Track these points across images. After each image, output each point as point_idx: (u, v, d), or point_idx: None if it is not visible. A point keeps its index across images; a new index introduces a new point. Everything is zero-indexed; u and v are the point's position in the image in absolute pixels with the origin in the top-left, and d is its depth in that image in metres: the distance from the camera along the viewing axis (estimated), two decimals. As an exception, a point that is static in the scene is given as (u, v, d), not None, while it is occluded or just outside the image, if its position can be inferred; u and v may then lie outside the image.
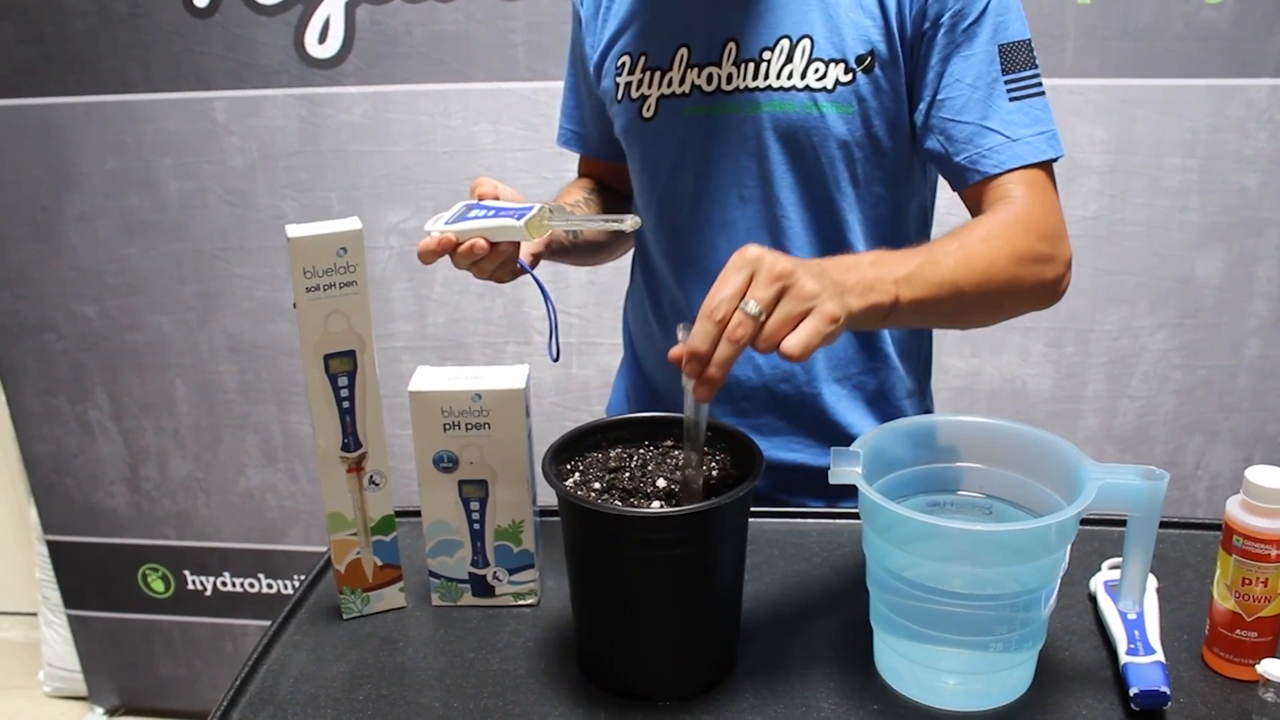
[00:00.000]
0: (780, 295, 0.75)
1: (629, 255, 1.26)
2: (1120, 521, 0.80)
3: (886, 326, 0.90)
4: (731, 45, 1.03)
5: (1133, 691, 0.77)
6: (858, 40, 0.99)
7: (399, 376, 1.04)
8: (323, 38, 1.81)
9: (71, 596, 2.28)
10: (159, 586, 2.25)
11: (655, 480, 0.85)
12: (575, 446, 0.88)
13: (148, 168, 1.93)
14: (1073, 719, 0.79)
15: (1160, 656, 0.81)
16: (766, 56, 1.01)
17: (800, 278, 0.76)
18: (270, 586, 2.22)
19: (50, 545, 2.25)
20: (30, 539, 2.34)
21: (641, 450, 0.90)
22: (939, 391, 1.25)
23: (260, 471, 2.13)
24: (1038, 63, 0.99)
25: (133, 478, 2.17)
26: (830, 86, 1.00)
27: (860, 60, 0.99)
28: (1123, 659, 0.81)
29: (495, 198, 1.01)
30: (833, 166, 1.03)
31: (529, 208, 0.95)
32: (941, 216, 1.13)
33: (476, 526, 0.93)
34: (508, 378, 0.90)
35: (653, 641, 0.82)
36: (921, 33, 0.98)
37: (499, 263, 0.97)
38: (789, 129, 1.02)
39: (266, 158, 1.90)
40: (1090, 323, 1.83)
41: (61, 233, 1.99)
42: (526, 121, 1.82)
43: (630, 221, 0.92)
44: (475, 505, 0.92)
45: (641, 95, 1.08)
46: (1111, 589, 0.90)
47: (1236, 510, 0.80)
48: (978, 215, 0.98)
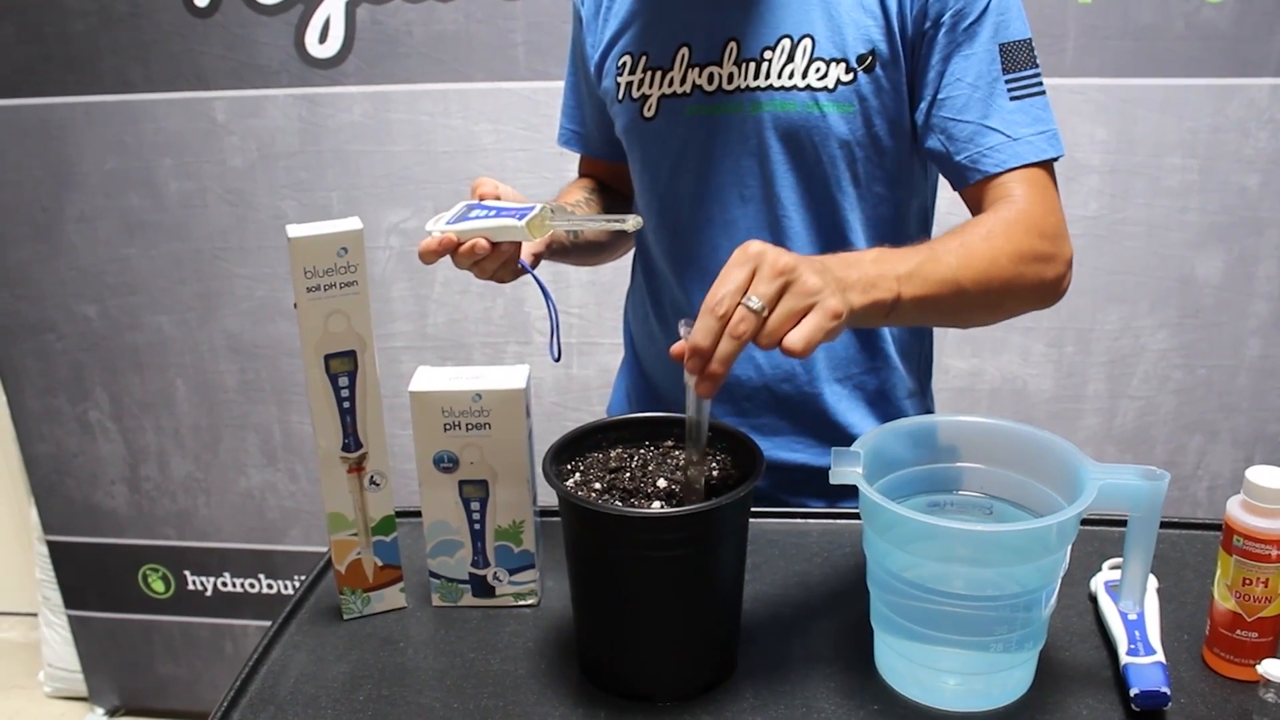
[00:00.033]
0: (783, 291, 0.75)
1: (629, 255, 1.26)
2: (1121, 522, 0.79)
3: (888, 324, 0.90)
4: (732, 45, 1.03)
5: (1133, 692, 0.77)
6: (859, 39, 0.99)
7: (399, 376, 1.04)
8: (323, 37, 1.81)
9: (72, 597, 2.28)
10: (159, 587, 2.25)
11: (656, 480, 0.85)
12: (576, 447, 0.88)
13: (148, 168, 1.93)
14: (1073, 719, 0.79)
15: (1161, 657, 0.81)
16: (768, 56, 1.01)
17: (803, 273, 0.76)
18: (270, 587, 2.22)
19: (50, 545, 2.25)
20: (30, 539, 2.34)
21: (642, 450, 0.89)
22: (939, 391, 1.25)
23: (260, 471, 2.13)
24: (1038, 62, 0.99)
25: (133, 478, 2.17)
26: (831, 86, 1.00)
27: (861, 59, 0.99)
28: (1123, 659, 0.81)
29: (496, 198, 1.01)
30: (834, 166, 1.03)
31: (530, 208, 0.95)
32: (942, 216, 1.13)
33: (477, 527, 0.93)
34: (508, 378, 0.90)
35: (653, 642, 0.82)
36: (922, 32, 0.98)
37: (500, 263, 0.97)
38: (790, 128, 1.02)
39: (267, 157, 1.90)
40: (1091, 322, 1.83)
41: (62, 233, 1.99)
42: (527, 121, 1.82)
43: (632, 221, 0.92)
44: (476, 505, 0.92)
45: (642, 95, 1.07)
46: (1112, 589, 0.90)
47: (1237, 510, 0.80)
48: (978, 214, 0.98)
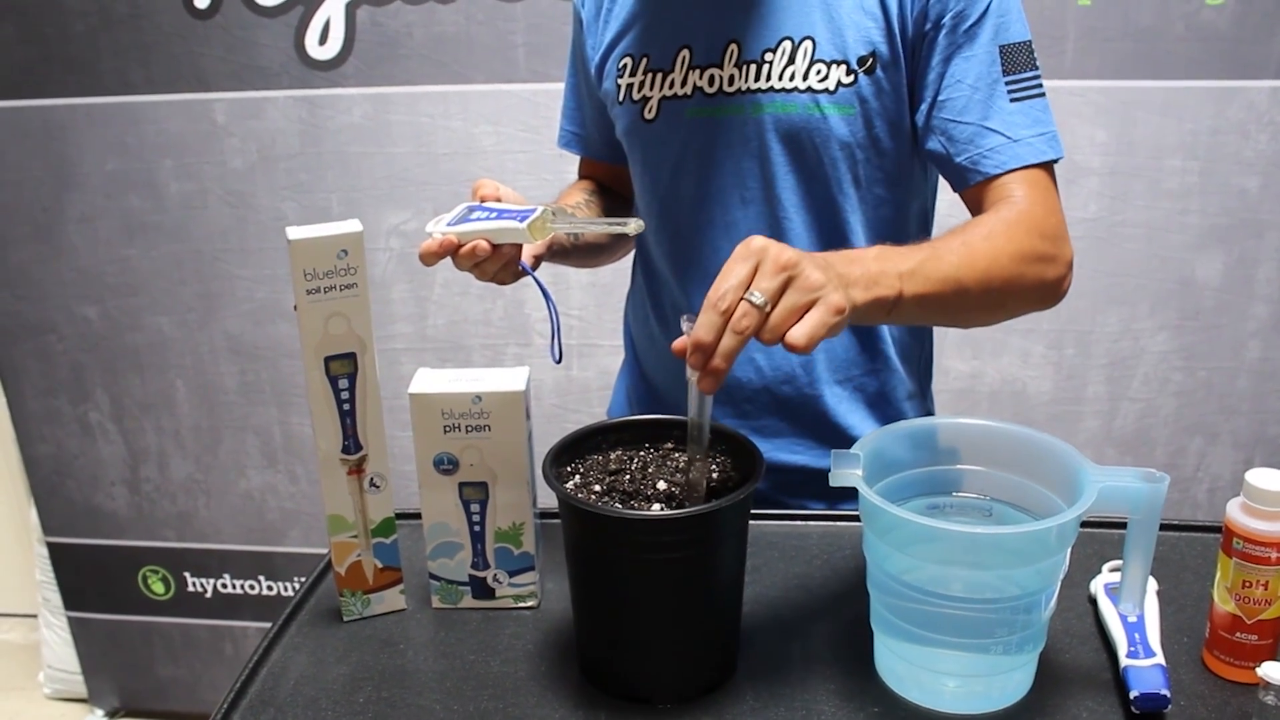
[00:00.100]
0: (785, 286, 0.75)
1: (630, 257, 1.26)
2: (1120, 524, 0.79)
3: (889, 322, 0.90)
4: (733, 47, 1.03)
5: (1133, 694, 0.77)
6: (859, 41, 0.99)
7: (399, 378, 1.04)
8: (323, 39, 1.81)
9: (72, 598, 2.28)
10: (159, 588, 2.25)
11: (656, 483, 0.85)
12: (576, 449, 0.88)
13: (148, 169, 1.93)
14: (1073, 722, 0.79)
15: (1160, 659, 0.81)
16: (768, 58, 1.01)
17: (805, 268, 0.75)
18: (270, 588, 2.22)
19: (50, 547, 2.25)
20: (30, 540, 2.34)
21: (642, 453, 0.89)
22: (939, 393, 1.25)
23: (260, 473, 2.13)
24: (1038, 64, 0.99)
25: (133, 479, 2.17)
26: (832, 88, 1.00)
27: (862, 61, 0.99)
28: (1123, 662, 0.81)
29: (497, 199, 1.01)
30: (834, 168, 1.03)
31: (531, 210, 0.95)
32: (942, 218, 1.13)
33: (477, 529, 0.93)
34: (508, 380, 0.90)
35: (653, 644, 0.82)
36: (923, 34, 0.98)
37: (501, 264, 0.97)
38: (791, 130, 1.02)
39: (267, 159, 1.91)
40: (1090, 325, 1.83)
41: (62, 233, 1.99)
42: (527, 123, 1.82)
43: (633, 224, 0.91)
44: (475, 507, 0.92)
45: (643, 97, 1.08)
46: (1112, 591, 0.90)
47: (1237, 513, 0.80)
48: (979, 215, 0.98)
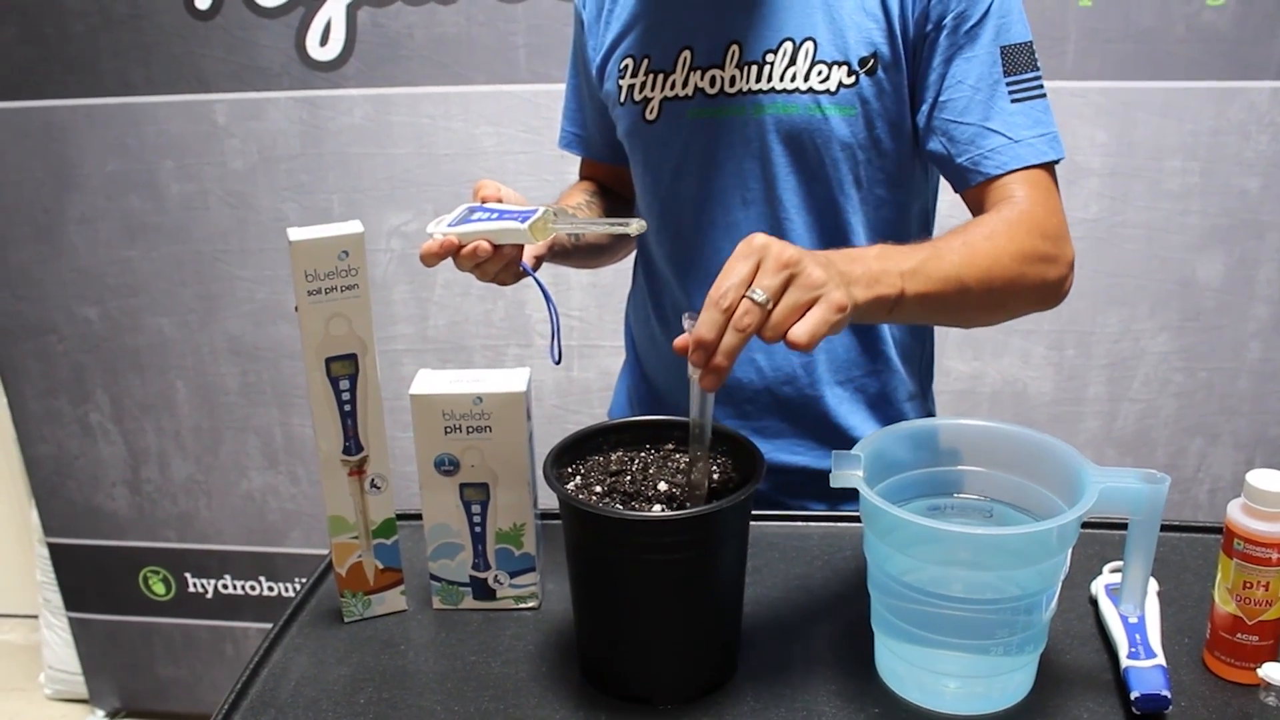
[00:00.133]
0: (787, 283, 0.75)
1: (630, 258, 1.26)
2: (1121, 525, 0.79)
3: (891, 320, 0.90)
4: (734, 48, 1.03)
5: (1134, 695, 0.77)
6: (861, 42, 0.99)
7: (400, 379, 1.04)
8: (324, 40, 1.81)
9: (72, 599, 2.28)
10: (160, 589, 2.25)
11: (657, 484, 0.85)
12: (577, 450, 0.88)
13: (149, 170, 1.93)
14: (1074, 722, 0.79)
15: (1161, 660, 0.81)
16: (769, 59, 1.01)
17: (807, 266, 0.75)
18: (271, 589, 2.22)
19: (51, 548, 2.25)
20: (31, 541, 2.34)
21: (643, 454, 0.89)
22: (940, 394, 1.25)
23: (261, 474, 2.13)
24: (1039, 65, 0.99)
25: (134, 480, 2.17)
26: (833, 89, 1.00)
27: (863, 62, 0.99)
28: (1124, 663, 0.81)
29: (498, 200, 1.01)
30: (836, 169, 1.03)
31: (533, 210, 0.95)
32: (943, 219, 1.13)
33: (478, 530, 0.93)
34: (509, 381, 0.90)
35: (654, 645, 0.82)
36: (924, 34, 0.98)
37: (502, 265, 0.97)
38: (792, 131, 1.02)
39: (267, 160, 1.91)
40: (1091, 325, 1.83)
41: (63, 234, 1.99)
42: (527, 124, 1.83)
43: (635, 225, 0.91)
44: (476, 508, 0.92)
45: (644, 98, 1.08)
46: (1112, 592, 0.89)
47: (1237, 514, 0.80)
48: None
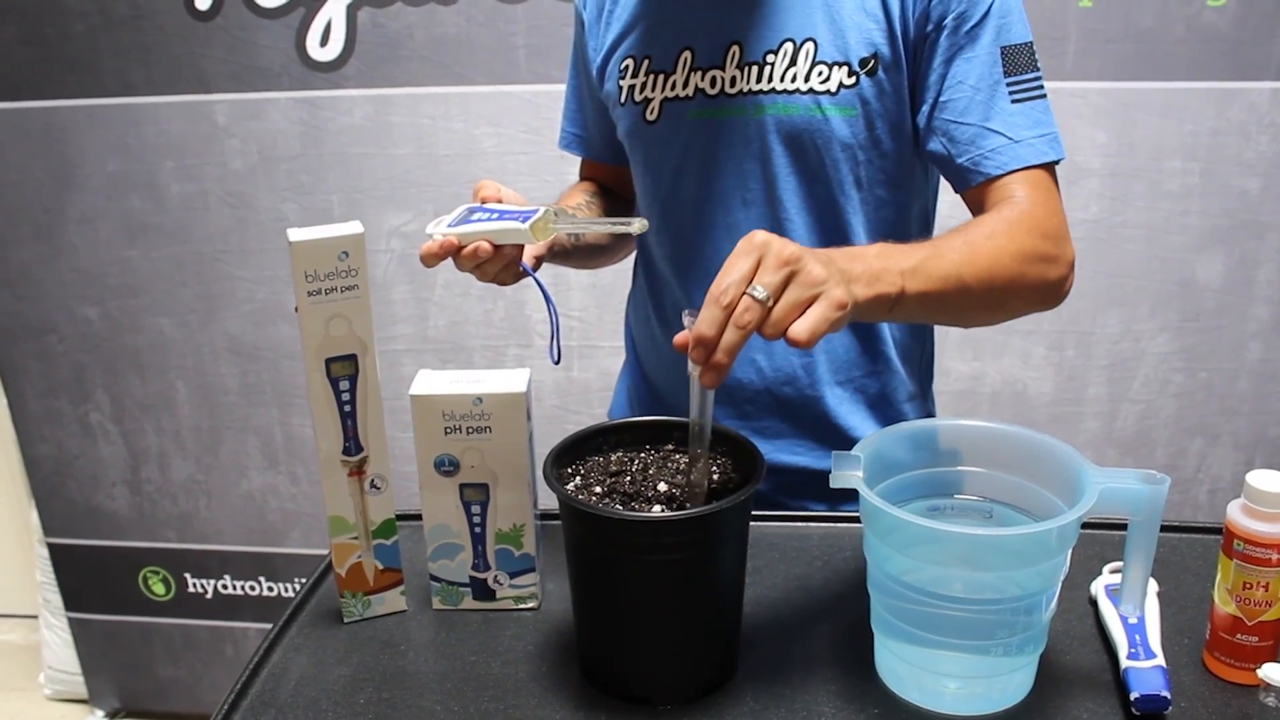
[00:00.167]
0: (788, 280, 0.75)
1: (631, 258, 1.26)
2: (1121, 525, 0.79)
3: (891, 319, 0.90)
4: (735, 48, 1.03)
5: (1133, 696, 0.77)
6: (861, 43, 0.99)
7: (400, 379, 1.04)
8: (324, 41, 1.82)
9: (72, 599, 2.28)
10: (159, 589, 2.25)
11: (656, 484, 0.85)
12: (577, 450, 0.88)
13: (149, 170, 1.93)
14: (1074, 723, 0.79)
15: (1161, 661, 0.81)
16: (770, 59, 1.01)
17: (808, 263, 0.76)
18: (271, 589, 2.22)
19: (51, 548, 2.25)
20: (31, 541, 2.34)
21: (643, 454, 0.89)
22: (940, 394, 1.25)
23: (261, 474, 2.13)
24: (1039, 65, 0.99)
25: (134, 480, 2.17)
26: (834, 89, 1.00)
27: (864, 63, 0.99)
28: (1123, 663, 0.81)
29: (498, 201, 1.01)
30: (836, 169, 1.03)
31: (533, 210, 0.95)
32: (943, 219, 1.13)
33: (477, 530, 0.93)
34: (509, 381, 0.90)
35: (654, 645, 0.82)
36: (924, 35, 0.98)
37: (502, 265, 0.97)
38: (793, 132, 1.02)
39: (268, 160, 1.91)
40: (1091, 326, 1.83)
41: (63, 234, 1.99)
42: (527, 124, 1.83)
43: (637, 224, 0.91)
44: (476, 509, 0.92)
45: (645, 98, 1.08)
46: (1112, 593, 0.90)
47: (1237, 514, 0.80)
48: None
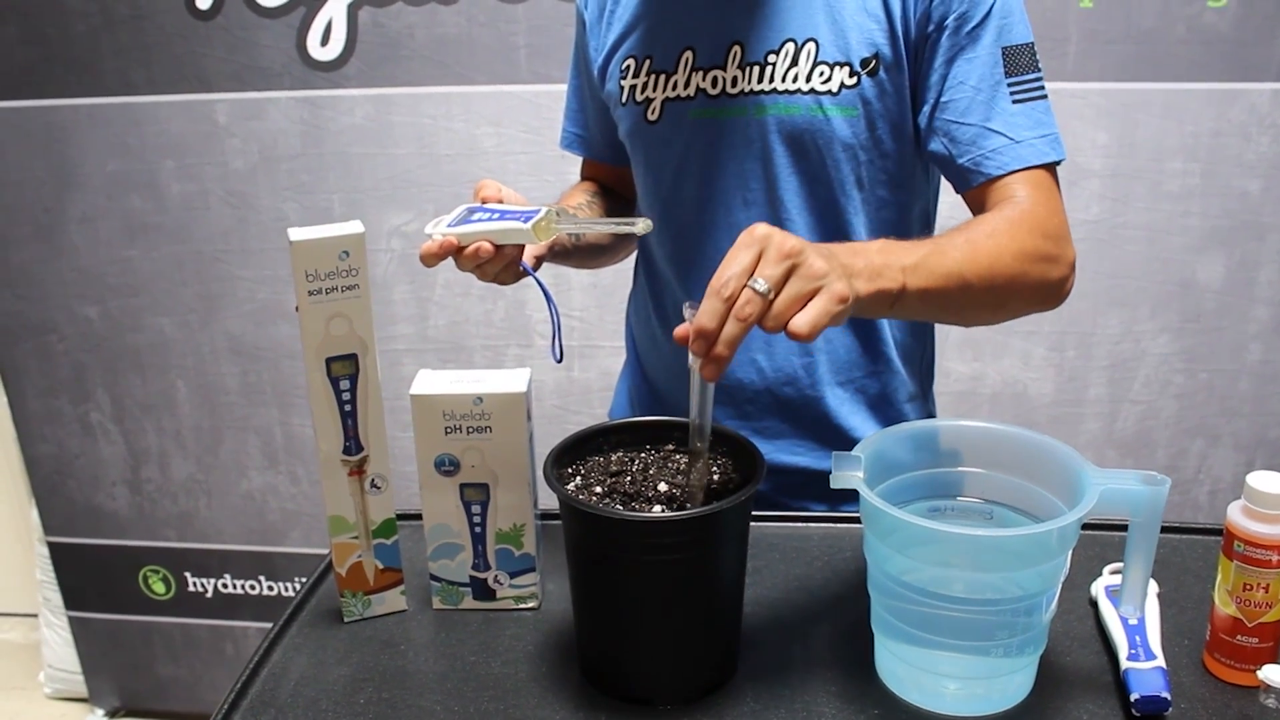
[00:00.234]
0: (789, 274, 0.75)
1: (631, 258, 1.26)
2: (1121, 526, 0.79)
3: (892, 316, 0.90)
4: (736, 48, 1.03)
5: (1134, 697, 0.77)
6: (862, 43, 0.99)
7: (400, 379, 1.04)
8: (325, 40, 1.82)
9: (72, 598, 2.28)
10: (160, 588, 2.25)
11: (657, 484, 0.85)
12: (577, 450, 0.88)
13: (150, 169, 1.93)
14: (1074, 724, 0.79)
15: (1161, 662, 0.81)
16: (771, 60, 1.01)
17: (809, 256, 0.75)
18: (271, 589, 2.22)
19: (51, 546, 2.25)
20: (31, 540, 2.34)
21: (643, 454, 0.89)
22: (940, 395, 1.25)
23: (261, 474, 2.13)
24: (1040, 66, 0.99)
25: (134, 479, 2.17)
26: (835, 90, 1.00)
27: (865, 63, 0.99)
28: (1124, 664, 0.81)
29: (499, 200, 1.01)
30: (837, 169, 1.03)
31: (535, 210, 0.95)
32: (944, 220, 1.13)
33: (478, 530, 0.93)
34: (509, 381, 0.90)
35: (654, 645, 0.82)
36: (926, 35, 0.98)
37: (503, 265, 0.96)
38: (794, 132, 1.02)
39: (268, 160, 1.91)
40: (1092, 327, 1.83)
41: (63, 234, 1.99)
42: (528, 124, 1.83)
43: (641, 224, 0.91)
44: (476, 509, 0.92)
45: (646, 98, 1.08)
46: (1113, 594, 0.89)
47: (1238, 515, 0.80)
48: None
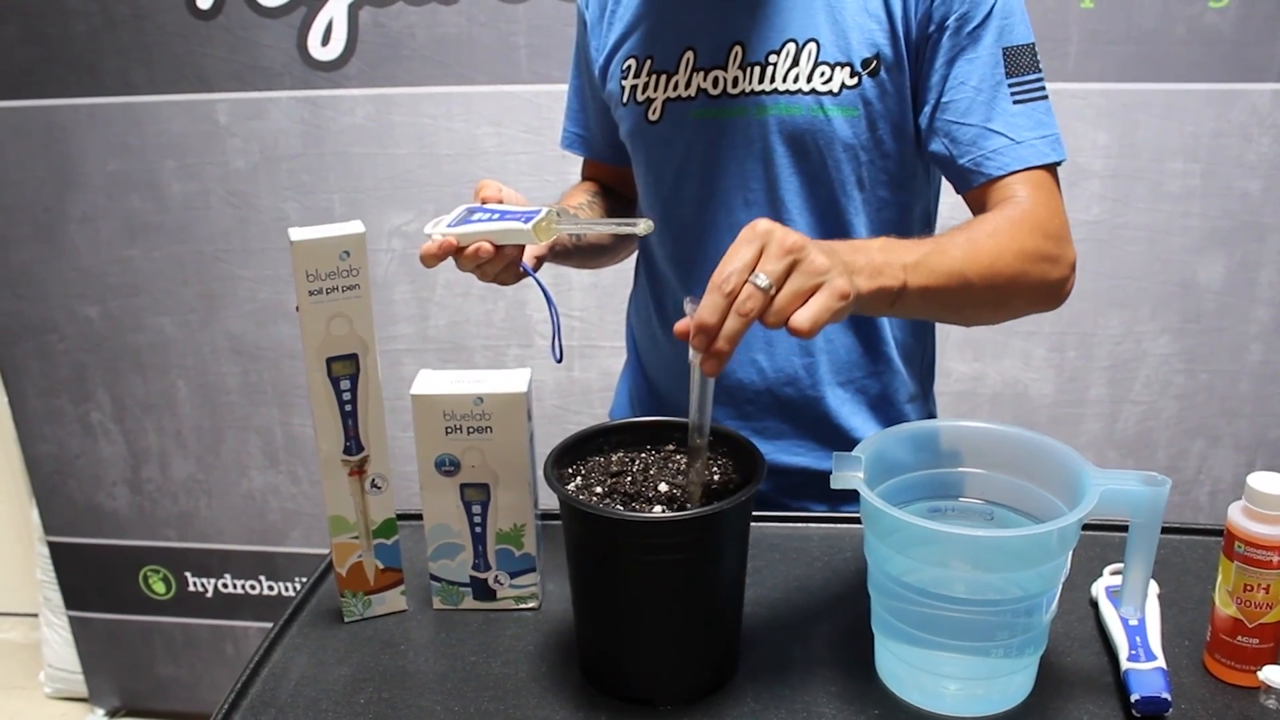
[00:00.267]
0: (791, 269, 0.75)
1: (632, 258, 1.26)
2: (1122, 527, 0.79)
3: (892, 314, 0.90)
4: (738, 49, 1.03)
5: (1134, 698, 0.77)
6: (863, 44, 0.99)
7: (401, 379, 1.04)
8: (325, 40, 1.82)
9: (72, 597, 2.28)
10: (160, 588, 2.25)
11: (657, 484, 0.85)
12: (577, 450, 0.88)
13: (150, 169, 1.93)
14: (1074, 725, 0.79)
15: (1161, 662, 0.81)
16: (772, 60, 1.01)
17: (811, 252, 0.75)
18: (271, 589, 2.22)
19: (51, 546, 2.25)
20: (32, 540, 2.34)
21: (644, 454, 0.89)
22: (941, 395, 1.25)
23: (262, 473, 2.13)
24: (1041, 67, 0.99)
25: (134, 479, 2.17)
26: (836, 90, 1.00)
27: (866, 64, 0.99)
28: (1124, 665, 0.81)
29: (499, 201, 1.01)
30: (838, 170, 1.03)
31: (535, 210, 0.95)
32: (945, 221, 1.13)
33: (478, 530, 0.93)
34: (510, 381, 0.90)
35: (654, 645, 0.82)
36: (926, 36, 0.98)
37: (503, 265, 0.96)
38: (795, 132, 1.02)
39: (269, 160, 1.91)
40: (1092, 327, 1.83)
41: (64, 233, 1.99)
42: (529, 124, 1.83)
43: (643, 225, 0.90)
44: (477, 509, 0.92)
45: (647, 98, 1.08)
46: (1113, 594, 0.89)
47: (1238, 516, 0.80)
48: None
